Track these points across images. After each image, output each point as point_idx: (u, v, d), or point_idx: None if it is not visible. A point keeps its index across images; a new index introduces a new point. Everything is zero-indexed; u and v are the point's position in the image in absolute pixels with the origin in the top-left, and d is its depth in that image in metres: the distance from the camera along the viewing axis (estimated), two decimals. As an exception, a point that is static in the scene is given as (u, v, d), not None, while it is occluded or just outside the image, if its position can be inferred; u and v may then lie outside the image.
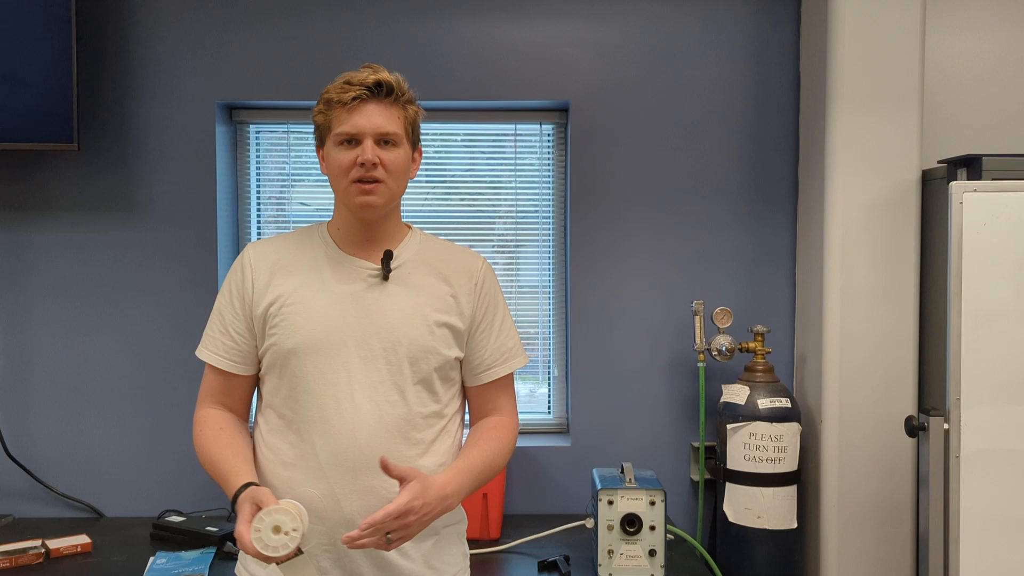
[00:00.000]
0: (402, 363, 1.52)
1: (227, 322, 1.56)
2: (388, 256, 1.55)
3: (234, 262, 1.60)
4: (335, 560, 1.51)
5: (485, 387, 1.63)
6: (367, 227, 1.56)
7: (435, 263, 1.60)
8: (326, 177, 1.57)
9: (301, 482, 1.51)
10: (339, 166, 1.49)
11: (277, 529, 1.31)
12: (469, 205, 2.76)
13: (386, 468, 1.40)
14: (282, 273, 1.55)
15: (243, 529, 1.35)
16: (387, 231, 1.59)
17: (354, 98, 1.47)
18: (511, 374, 1.66)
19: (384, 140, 1.50)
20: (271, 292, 1.54)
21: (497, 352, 1.62)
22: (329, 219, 1.63)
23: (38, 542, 2.22)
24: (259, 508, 1.36)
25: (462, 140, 2.77)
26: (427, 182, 2.75)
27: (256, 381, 1.61)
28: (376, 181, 1.49)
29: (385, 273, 1.54)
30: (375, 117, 1.48)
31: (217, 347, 1.57)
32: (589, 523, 2.17)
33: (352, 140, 1.49)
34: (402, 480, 1.41)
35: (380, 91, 1.49)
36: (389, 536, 1.39)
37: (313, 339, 1.50)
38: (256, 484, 1.43)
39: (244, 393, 1.61)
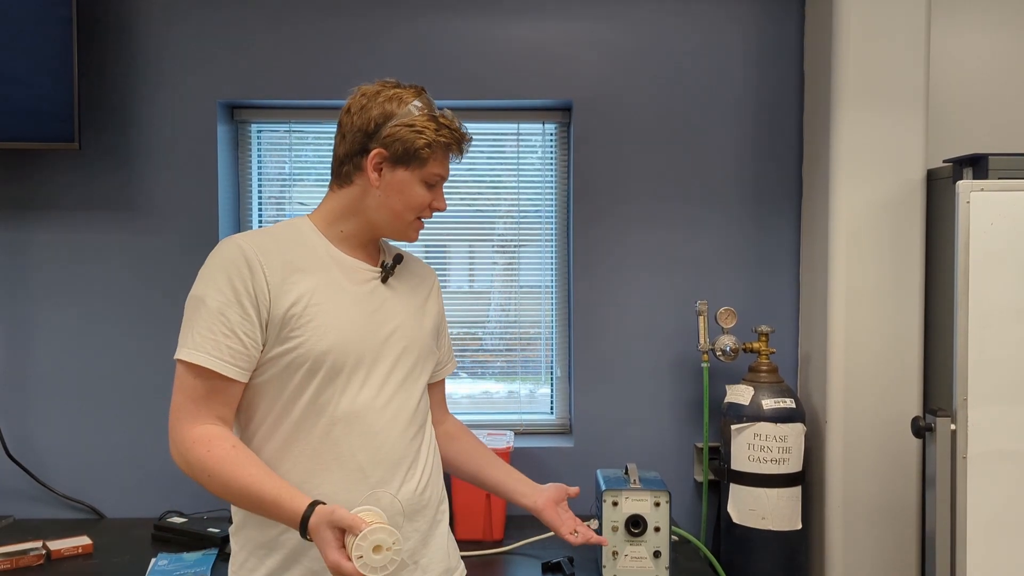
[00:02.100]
0: (416, 360, 1.57)
1: (234, 324, 1.40)
2: (399, 259, 1.59)
3: (230, 258, 1.42)
4: None
5: (434, 386, 1.74)
6: (375, 236, 1.57)
7: (409, 266, 1.66)
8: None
9: (337, 485, 1.45)
10: (419, 202, 1.53)
11: (378, 548, 1.23)
12: (469, 205, 2.75)
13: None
14: (294, 271, 1.46)
15: (338, 557, 1.25)
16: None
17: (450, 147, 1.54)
18: None
19: None
20: (290, 292, 1.44)
21: (448, 352, 1.75)
22: (307, 215, 1.56)
23: (39, 543, 2.21)
24: (340, 530, 1.27)
25: (464, 139, 2.75)
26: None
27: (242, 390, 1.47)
28: None
29: (385, 275, 1.56)
30: (448, 166, 1.58)
31: (221, 351, 1.39)
32: (593, 524, 2.15)
33: (436, 184, 1.55)
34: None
35: (459, 146, 1.57)
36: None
37: (346, 339, 1.46)
38: (321, 503, 1.32)
39: (236, 402, 1.46)
